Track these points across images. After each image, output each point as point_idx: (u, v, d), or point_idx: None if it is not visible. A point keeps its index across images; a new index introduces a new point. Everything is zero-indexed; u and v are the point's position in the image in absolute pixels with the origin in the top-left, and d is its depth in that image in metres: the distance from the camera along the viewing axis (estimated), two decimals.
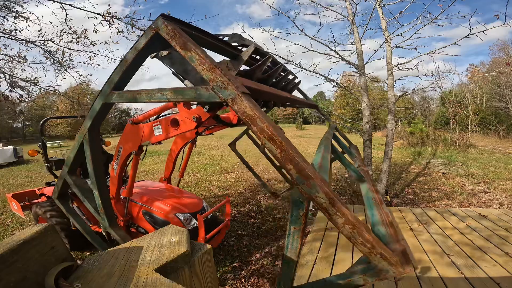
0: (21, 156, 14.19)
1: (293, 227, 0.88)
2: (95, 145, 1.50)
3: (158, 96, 1.11)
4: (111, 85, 1.28)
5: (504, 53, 25.33)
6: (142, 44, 1.14)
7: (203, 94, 0.98)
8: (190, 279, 0.66)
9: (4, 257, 0.45)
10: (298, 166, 0.77)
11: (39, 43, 3.77)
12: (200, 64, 0.94)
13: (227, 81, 0.90)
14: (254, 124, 0.83)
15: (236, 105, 0.87)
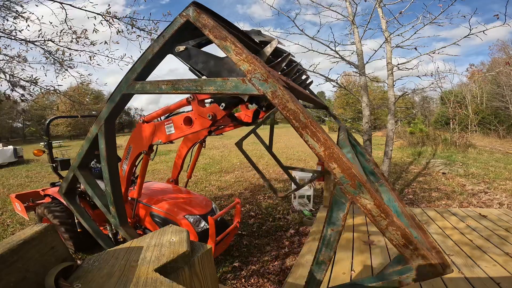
0: (21, 156, 14.18)
1: (331, 229, 0.84)
2: (111, 138, 1.43)
3: (187, 86, 1.04)
4: (133, 75, 1.21)
5: (504, 53, 25.33)
6: (171, 32, 1.07)
7: (239, 86, 0.92)
8: (190, 279, 0.66)
9: (4, 257, 0.45)
10: (343, 165, 0.74)
11: (39, 43, 3.77)
12: (237, 54, 0.89)
13: (266, 73, 0.84)
14: (297, 120, 0.79)
15: (276, 99, 0.82)
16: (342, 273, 2.82)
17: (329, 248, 0.85)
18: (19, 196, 4.47)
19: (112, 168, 1.43)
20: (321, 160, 0.78)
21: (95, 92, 44.06)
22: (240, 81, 0.91)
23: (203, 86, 1.00)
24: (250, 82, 0.88)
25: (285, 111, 0.81)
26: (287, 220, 5.28)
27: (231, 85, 0.94)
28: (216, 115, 1.70)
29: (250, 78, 0.87)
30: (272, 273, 3.56)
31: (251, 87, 0.88)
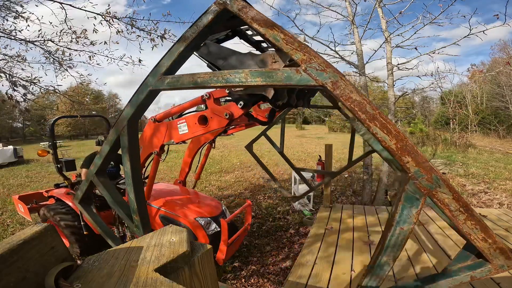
0: (21, 156, 14.17)
1: (401, 228, 0.78)
2: (135, 140, 1.31)
3: (227, 78, 0.95)
4: (162, 69, 1.11)
5: (505, 53, 25.33)
6: (206, 22, 0.98)
7: (292, 77, 0.84)
8: (190, 279, 0.66)
9: (4, 257, 0.45)
10: (418, 158, 0.70)
11: (39, 43, 3.77)
12: (288, 43, 0.82)
13: (325, 62, 0.79)
14: (363, 111, 0.74)
15: (338, 90, 0.77)
16: (342, 273, 2.82)
17: (396, 248, 0.80)
18: (22, 198, 4.40)
19: (135, 173, 1.31)
20: (391, 153, 0.72)
21: (95, 92, 44.10)
22: (294, 71, 0.84)
23: (249, 77, 0.91)
24: (306, 72, 0.81)
25: (349, 102, 0.75)
26: (287, 220, 5.28)
27: (283, 76, 0.86)
28: (234, 114, 1.63)
29: (305, 68, 0.81)
30: (272, 273, 3.56)
31: (307, 77, 0.81)
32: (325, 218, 4.36)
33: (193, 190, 4.07)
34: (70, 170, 4.14)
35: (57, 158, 4.05)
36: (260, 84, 0.89)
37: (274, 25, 0.84)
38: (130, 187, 1.31)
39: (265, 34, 0.86)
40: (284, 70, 0.85)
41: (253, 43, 1.75)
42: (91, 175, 1.49)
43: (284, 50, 0.84)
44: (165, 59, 1.11)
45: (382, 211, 4.64)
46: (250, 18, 0.87)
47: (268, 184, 7.81)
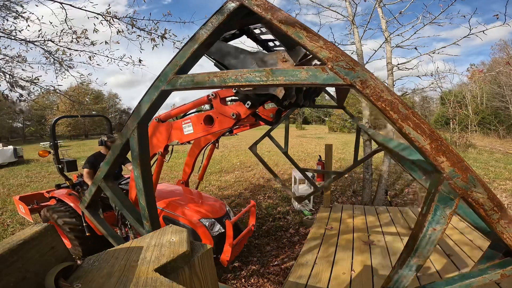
0: (21, 156, 14.17)
1: (433, 228, 0.75)
2: (145, 143, 1.25)
3: (247, 77, 0.91)
4: (174, 69, 1.07)
5: (505, 53, 25.33)
6: (221, 19, 0.94)
7: (317, 76, 0.80)
8: (190, 279, 0.66)
9: (4, 257, 0.45)
10: (453, 157, 0.68)
11: (39, 43, 3.77)
12: (312, 41, 0.79)
13: (353, 61, 0.76)
14: (395, 111, 0.71)
15: (368, 89, 0.74)
16: (342, 273, 2.82)
17: (427, 249, 0.79)
18: (23, 198, 4.36)
19: (146, 177, 1.26)
20: (424, 154, 0.70)
21: (95, 92, 44.10)
22: (319, 69, 0.80)
23: (270, 76, 0.87)
24: (333, 71, 0.78)
25: (380, 102, 0.72)
26: (287, 220, 5.28)
27: (307, 75, 0.82)
28: (241, 114, 1.59)
29: (332, 67, 0.78)
30: (272, 273, 3.56)
31: (334, 76, 0.78)
32: (325, 218, 4.36)
33: (196, 190, 4.02)
34: (71, 171, 4.10)
35: (59, 159, 4.01)
36: (283, 83, 0.85)
37: (296, 22, 0.81)
38: (140, 192, 1.26)
39: (286, 32, 0.82)
40: (309, 68, 0.82)
41: (260, 42, 1.72)
42: (99, 180, 1.44)
43: (308, 48, 0.80)
44: (178, 57, 1.07)
45: (382, 211, 4.64)
46: (270, 15, 0.84)
47: (268, 184, 7.82)
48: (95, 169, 3.65)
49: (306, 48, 0.82)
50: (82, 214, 3.38)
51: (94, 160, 3.68)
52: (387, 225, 4.07)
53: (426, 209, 0.76)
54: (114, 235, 1.66)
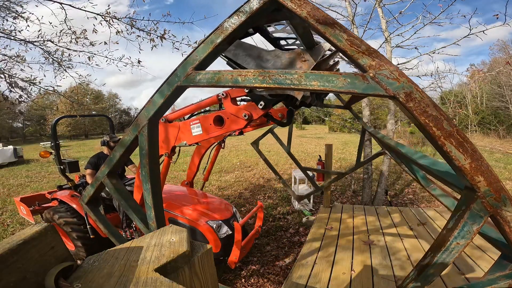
0: (21, 156, 14.17)
1: (457, 242, 0.76)
2: (155, 141, 1.20)
3: (276, 79, 0.85)
4: (193, 63, 0.99)
5: (504, 53, 25.32)
6: (250, 11, 0.86)
7: (356, 84, 0.76)
8: (190, 279, 0.66)
9: (4, 257, 0.45)
10: (491, 178, 0.68)
11: (39, 43, 3.77)
12: (353, 46, 0.74)
13: (398, 70, 0.71)
14: (439, 127, 0.68)
15: (412, 102, 0.69)
16: (342, 273, 2.82)
17: (447, 261, 0.78)
18: (24, 200, 4.30)
19: (154, 176, 1.21)
20: (463, 172, 0.69)
21: (95, 92, 44.09)
22: (359, 77, 0.75)
23: (303, 80, 0.81)
24: (374, 80, 0.73)
25: (424, 117, 0.68)
26: (287, 220, 5.28)
27: (345, 82, 0.77)
28: (253, 115, 1.53)
29: (374, 75, 0.73)
30: (272, 273, 3.56)
31: (375, 85, 0.73)
32: (325, 218, 4.36)
33: (202, 191, 3.97)
34: (73, 172, 4.03)
35: (60, 159, 3.93)
36: (316, 89, 0.79)
37: (335, 23, 0.75)
38: (147, 192, 1.20)
39: (324, 33, 0.76)
40: (348, 75, 0.77)
41: (272, 40, 1.67)
42: (102, 176, 1.38)
43: (347, 53, 0.75)
44: (198, 51, 0.98)
45: (382, 211, 4.65)
46: (306, 13, 0.77)
47: (268, 184, 7.82)
48: (98, 170, 3.61)
49: (345, 52, 0.76)
50: (86, 216, 3.33)
51: (97, 161, 3.64)
52: (387, 225, 4.07)
53: (454, 224, 0.76)
54: (115, 233, 1.61)
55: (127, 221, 3.35)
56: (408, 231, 3.83)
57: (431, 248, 0.83)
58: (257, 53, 1.27)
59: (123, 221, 3.32)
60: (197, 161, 3.77)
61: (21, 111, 5.03)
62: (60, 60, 3.96)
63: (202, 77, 0.98)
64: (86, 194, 1.52)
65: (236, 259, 2.72)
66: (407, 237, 3.63)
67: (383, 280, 2.68)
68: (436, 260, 0.79)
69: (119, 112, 55.96)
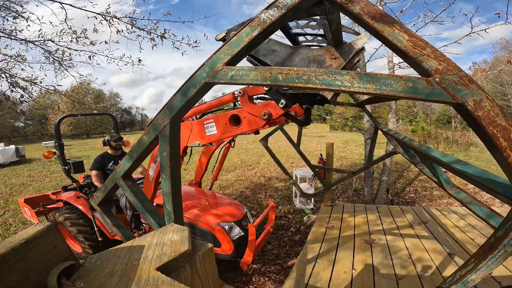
0: (23, 156, 14.23)
1: (505, 250, 0.75)
2: (176, 142, 1.12)
3: (324, 79, 0.77)
4: (224, 58, 0.90)
5: (506, 51, 25.20)
6: (291, 2, 0.79)
7: (419, 89, 0.69)
8: (191, 278, 0.66)
9: (6, 257, 0.46)
10: None
11: (39, 43, 3.78)
12: (416, 47, 0.68)
13: (467, 76, 0.66)
14: (506, 138, 0.63)
15: (481, 111, 0.64)
16: (343, 272, 2.82)
17: (491, 268, 0.76)
18: (28, 201, 4.25)
19: (175, 179, 1.13)
20: None
21: (96, 92, 44.17)
22: (422, 81, 0.69)
23: (356, 82, 0.74)
24: (440, 85, 0.67)
25: (492, 127, 0.64)
26: (288, 219, 5.28)
27: (405, 86, 0.70)
28: (272, 114, 1.46)
29: (440, 80, 0.67)
30: (273, 272, 3.57)
31: (441, 91, 0.67)
32: (326, 217, 4.36)
33: (211, 191, 3.89)
34: (78, 172, 3.96)
35: (65, 160, 3.85)
36: (371, 92, 0.73)
37: (394, 22, 0.68)
38: (167, 196, 1.14)
39: (381, 32, 0.69)
40: (409, 79, 0.70)
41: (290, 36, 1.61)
42: (117, 178, 1.32)
43: (409, 55, 0.69)
44: (231, 44, 0.89)
45: (383, 210, 4.64)
46: (359, 9, 0.70)
47: (269, 183, 7.82)
48: (103, 170, 3.58)
49: (405, 54, 0.69)
50: (93, 218, 3.28)
51: (102, 161, 3.60)
52: (388, 224, 4.06)
53: (504, 233, 0.75)
54: (130, 236, 1.55)
55: (136, 223, 3.34)
56: (409, 230, 3.83)
57: (475, 255, 0.82)
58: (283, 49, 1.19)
59: (132, 223, 3.29)
60: (206, 161, 3.70)
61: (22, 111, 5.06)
62: (60, 59, 3.96)
63: (235, 73, 0.88)
64: (98, 195, 1.46)
65: (250, 261, 2.70)
66: (408, 236, 3.63)
67: (384, 279, 2.68)
68: (481, 267, 0.78)
69: (120, 111, 56.07)
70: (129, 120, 60.52)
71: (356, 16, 0.72)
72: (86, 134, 43.54)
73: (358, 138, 17.74)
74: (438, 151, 1.58)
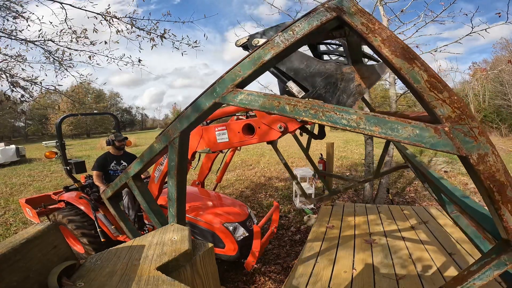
0: (23, 155, 14.24)
1: (474, 283, 0.77)
2: (185, 152, 1.20)
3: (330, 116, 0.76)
4: (235, 80, 0.90)
5: (507, 51, 25.15)
6: (308, 28, 0.76)
7: (425, 137, 0.66)
8: (191, 278, 0.66)
9: (7, 256, 0.46)
10: None
11: (39, 43, 3.78)
12: (433, 89, 0.64)
13: (479, 127, 0.63)
14: (501, 193, 0.63)
15: (483, 165, 0.62)
16: (343, 272, 2.82)
17: None
18: (29, 201, 4.22)
19: (181, 187, 1.20)
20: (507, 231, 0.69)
21: (96, 91, 44.19)
22: (430, 129, 0.65)
23: (362, 123, 0.72)
24: (448, 136, 0.64)
25: (489, 182, 0.63)
26: (289, 219, 5.28)
27: (412, 133, 0.67)
28: (289, 127, 1.42)
29: (449, 129, 0.63)
30: (274, 271, 3.57)
31: (448, 142, 0.64)
32: (327, 217, 4.36)
33: (214, 192, 3.87)
34: (80, 172, 3.92)
35: (66, 160, 3.81)
36: (376, 135, 0.71)
37: (415, 57, 0.64)
38: (172, 202, 1.20)
39: (399, 69, 0.65)
40: (417, 125, 0.67)
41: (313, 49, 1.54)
42: (127, 177, 1.38)
43: (423, 98, 0.65)
44: (243, 66, 0.88)
45: (383, 210, 4.64)
46: (380, 41, 0.66)
47: (269, 183, 7.82)
48: (105, 171, 3.57)
49: (420, 96, 0.65)
50: (95, 219, 3.27)
51: (104, 162, 3.59)
52: (389, 223, 4.06)
53: (477, 269, 0.76)
54: (133, 230, 1.61)
55: (139, 223, 3.34)
56: (409, 229, 3.83)
57: (447, 284, 0.83)
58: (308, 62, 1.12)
59: (135, 223, 3.29)
60: (210, 161, 3.67)
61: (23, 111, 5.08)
62: (60, 59, 3.96)
63: (244, 97, 0.89)
64: (109, 190, 1.52)
65: (254, 262, 2.69)
66: (408, 235, 3.63)
67: (384, 279, 2.68)
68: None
69: (120, 111, 56.09)
70: (129, 119, 60.54)
71: (375, 48, 0.68)
72: (86, 134, 43.56)
73: (359, 137, 17.73)
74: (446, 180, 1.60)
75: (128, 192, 3.34)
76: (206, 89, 0.99)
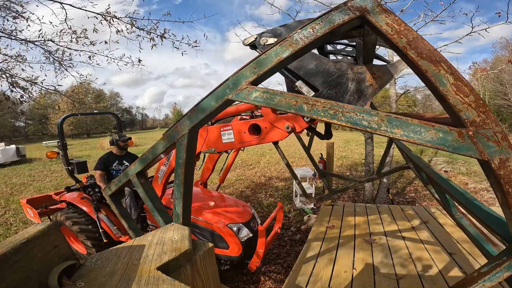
0: (23, 155, 14.25)
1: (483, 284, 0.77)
2: (193, 151, 1.17)
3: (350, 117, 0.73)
4: (250, 76, 0.88)
5: (507, 51, 25.14)
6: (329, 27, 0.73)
7: (448, 141, 0.65)
8: (192, 277, 0.66)
9: (7, 256, 0.46)
10: None
11: (39, 43, 3.78)
12: (459, 93, 0.62)
13: (502, 132, 0.62)
14: None
15: (503, 170, 0.62)
16: (343, 271, 2.82)
17: None
18: (30, 201, 4.19)
19: (187, 186, 1.17)
20: None
21: (96, 91, 44.20)
22: (454, 133, 0.64)
23: (384, 125, 0.69)
24: (472, 140, 0.63)
25: (508, 186, 0.62)
26: (289, 219, 5.28)
27: (435, 136, 0.66)
28: (296, 128, 1.41)
29: (473, 134, 0.63)
30: (274, 271, 3.57)
31: (471, 146, 0.63)
32: (327, 216, 4.36)
33: (218, 192, 3.84)
34: (82, 172, 3.88)
35: (68, 160, 3.77)
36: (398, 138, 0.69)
37: (442, 60, 0.63)
38: (178, 200, 1.17)
39: (425, 71, 0.64)
40: (441, 129, 0.66)
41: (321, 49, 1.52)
42: (132, 174, 1.35)
43: (449, 101, 0.63)
44: (258, 63, 0.85)
45: (383, 210, 4.64)
46: (406, 43, 0.65)
47: (269, 183, 7.82)
48: (108, 170, 3.56)
49: (445, 100, 0.64)
50: (98, 219, 3.25)
51: (106, 161, 3.57)
52: (389, 223, 4.06)
53: (488, 270, 0.76)
54: (135, 228, 1.59)
55: (143, 224, 3.33)
56: (409, 229, 3.83)
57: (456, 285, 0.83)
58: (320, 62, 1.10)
59: (137, 224, 3.27)
60: (213, 161, 3.64)
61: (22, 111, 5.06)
62: (60, 59, 3.96)
63: (258, 95, 0.86)
64: (111, 187, 1.50)
65: (259, 263, 2.68)
66: (408, 235, 3.63)
67: (385, 279, 2.68)
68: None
69: (121, 111, 56.11)
70: (129, 119, 60.56)
71: (400, 50, 0.66)
72: (86, 134, 43.56)
73: (359, 137, 17.72)
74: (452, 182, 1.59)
75: (130, 192, 3.33)
76: (217, 86, 0.96)
